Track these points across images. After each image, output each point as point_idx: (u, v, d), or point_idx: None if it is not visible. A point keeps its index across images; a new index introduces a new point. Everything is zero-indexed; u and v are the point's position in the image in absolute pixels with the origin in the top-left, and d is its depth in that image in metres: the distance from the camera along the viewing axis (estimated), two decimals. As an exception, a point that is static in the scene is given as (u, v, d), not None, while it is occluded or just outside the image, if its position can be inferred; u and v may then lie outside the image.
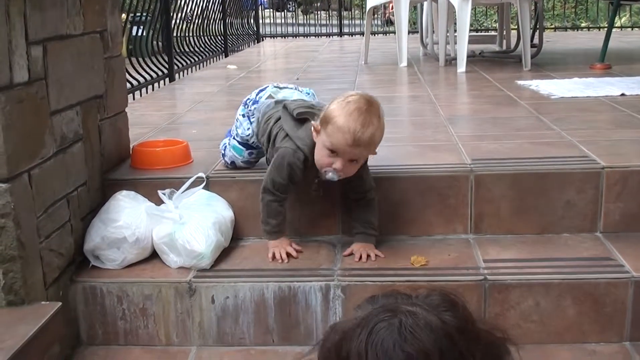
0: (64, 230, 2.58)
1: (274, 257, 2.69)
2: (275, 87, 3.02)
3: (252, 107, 2.96)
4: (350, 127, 2.44)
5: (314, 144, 2.60)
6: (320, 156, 2.56)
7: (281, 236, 2.76)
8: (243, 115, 3.00)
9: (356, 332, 1.22)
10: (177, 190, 2.83)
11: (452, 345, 1.18)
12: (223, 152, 3.08)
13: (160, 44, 6.63)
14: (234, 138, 3.02)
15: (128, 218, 2.71)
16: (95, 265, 2.70)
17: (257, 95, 3.00)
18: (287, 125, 2.69)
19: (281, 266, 2.66)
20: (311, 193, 2.79)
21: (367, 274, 2.57)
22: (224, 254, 2.77)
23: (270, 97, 2.96)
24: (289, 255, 2.71)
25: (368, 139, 2.48)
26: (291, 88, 3.04)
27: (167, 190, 2.83)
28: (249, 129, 2.96)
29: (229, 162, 3.04)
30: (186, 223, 2.69)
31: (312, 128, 2.58)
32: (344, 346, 1.23)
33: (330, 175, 2.57)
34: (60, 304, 2.33)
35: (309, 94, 3.04)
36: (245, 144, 2.98)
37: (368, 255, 2.68)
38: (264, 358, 2.52)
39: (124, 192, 2.84)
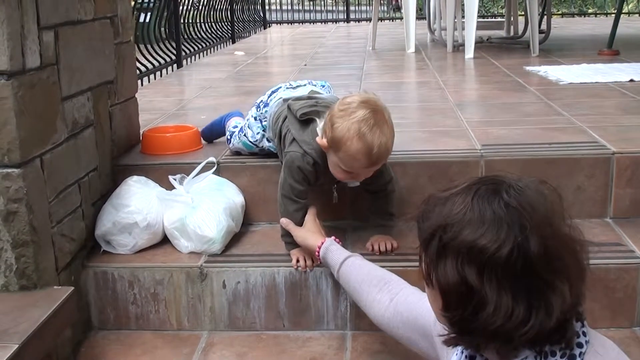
0: (76, 216, 2.59)
1: (297, 262, 2.58)
2: (288, 87, 2.92)
3: (264, 110, 2.89)
4: (363, 151, 2.35)
5: (319, 146, 2.51)
6: (337, 172, 2.49)
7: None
8: (255, 118, 2.92)
9: (461, 193, 1.47)
10: (188, 175, 2.85)
11: (550, 212, 1.43)
12: (229, 137, 3.05)
13: (167, 30, 6.63)
14: (245, 135, 2.95)
15: (139, 203, 2.72)
16: (106, 251, 2.71)
17: (268, 97, 2.91)
18: (293, 127, 2.62)
19: (292, 251, 2.67)
20: (333, 200, 2.76)
21: (378, 259, 2.57)
22: (234, 239, 2.78)
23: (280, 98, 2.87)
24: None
25: (384, 153, 2.40)
26: (304, 85, 2.94)
27: (178, 176, 2.84)
28: (258, 133, 2.89)
29: (234, 151, 3.03)
30: (197, 208, 2.70)
31: (319, 141, 2.49)
32: (448, 203, 1.47)
33: (350, 184, 2.58)
34: (72, 288, 2.34)
35: (323, 86, 2.94)
36: (254, 142, 2.94)
37: (387, 248, 2.65)
38: (275, 342, 2.53)
39: (135, 178, 2.85)
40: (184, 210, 2.71)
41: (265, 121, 2.87)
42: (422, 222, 1.51)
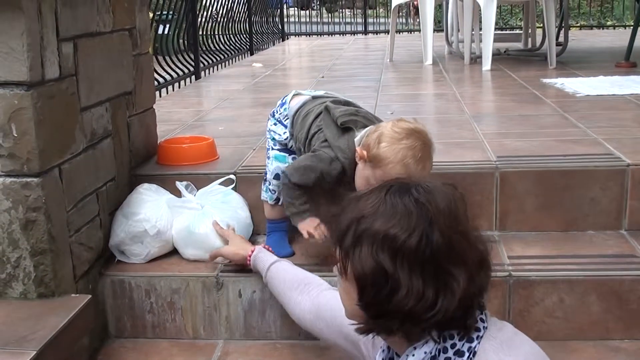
0: (93, 225, 2.62)
1: (310, 235, 2.55)
2: (296, 90, 2.88)
3: (282, 110, 2.82)
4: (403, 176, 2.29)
5: (353, 156, 2.49)
6: (362, 183, 2.43)
7: (310, 216, 2.60)
8: (275, 124, 2.84)
9: (375, 191, 1.64)
10: (193, 184, 2.92)
11: (455, 210, 1.60)
12: (265, 177, 2.86)
13: (185, 42, 6.68)
14: (272, 149, 2.83)
15: (149, 211, 2.75)
16: (121, 260, 2.74)
17: (282, 100, 2.86)
18: (328, 130, 2.57)
19: (306, 261, 2.68)
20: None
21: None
22: (250, 248, 2.80)
23: (297, 95, 2.83)
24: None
25: None
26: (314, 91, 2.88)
27: (184, 183, 2.87)
28: (284, 132, 2.80)
29: (273, 176, 2.79)
30: (205, 216, 2.74)
31: (356, 153, 2.45)
32: (362, 199, 1.63)
33: None
34: (90, 296, 2.36)
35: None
36: (286, 149, 2.82)
37: None
38: (291, 352, 2.55)
39: (146, 185, 2.88)
40: (190, 218, 2.75)
41: (286, 120, 2.79)
42: (338, 219, 1.64)
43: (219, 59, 7.59)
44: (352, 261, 1.59)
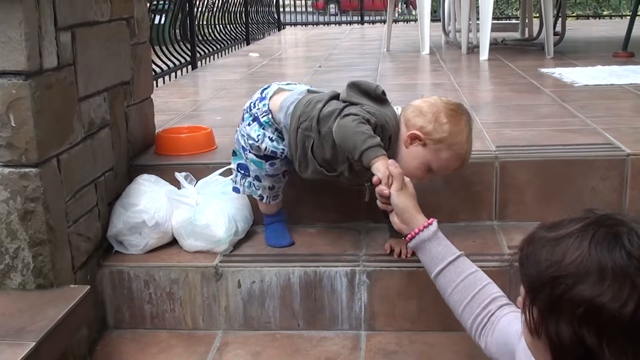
0: (92, 215, 2.61)
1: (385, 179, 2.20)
2: (281, 85, 2.71)
3: (261, 105, 2.62)
4: (466, 155, 2.37)
5: (397, 129, 2.39)
6: (416, 170, 2.39)
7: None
8: (249, 124, 2.64)
9: (575, 235, 1.33)
10: (192, 174, 2.91)
11: None
12: (239, 181, 2.77)
13: (181, 32, 6.66)
14: (249, 152, 2.65)
15: (148, 202, 2.73)
16: (118, 251, 2.73)
17: (261, 93, 2.67)
18: (363, 101, 2.39)
19: (306, 251, 2.68)
20: (364, 198, 2.60)
21: (393, 259, 2.58)
22: (249, 238, 2.80)
23: (279, 90, 2.65)
24: None
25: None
26: (295, 84, 2.76)
27: (183, 173, 2.85)
28: (258, 135, 2.60)
29: (253, 177, 2.70)
30: (206, 207, 2.72)
31: (408, 136, 2.35)
32: (560, 247, 1.33)
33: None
34: (88, 287, 2.35)
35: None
36: (261, 155, 2.62)
37: (408, 254, 2.56)
38: (290, 342, 2.54)
39: (145, 176, 2.86)
40: (191, 209, 2.73)
41: (263, 117, 2.60)
42: (529, 267, 1.38)
43: (215, 48, 7.57)
44: (547, 328, 1.32)
